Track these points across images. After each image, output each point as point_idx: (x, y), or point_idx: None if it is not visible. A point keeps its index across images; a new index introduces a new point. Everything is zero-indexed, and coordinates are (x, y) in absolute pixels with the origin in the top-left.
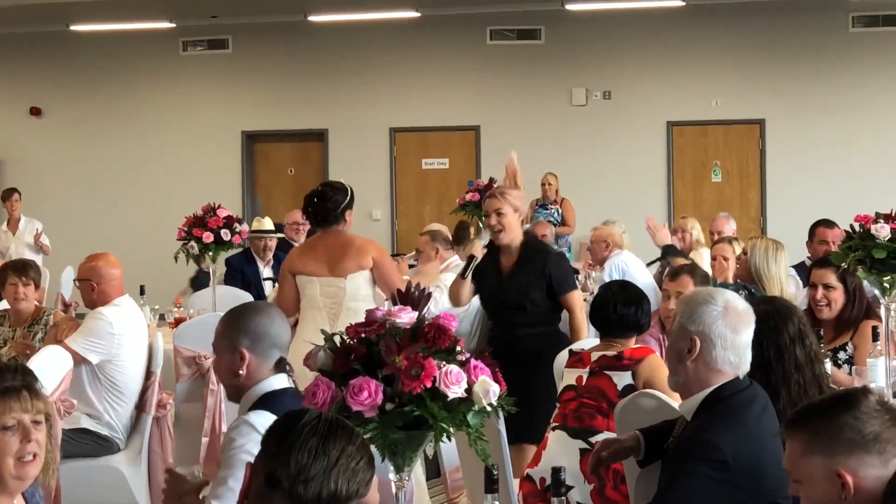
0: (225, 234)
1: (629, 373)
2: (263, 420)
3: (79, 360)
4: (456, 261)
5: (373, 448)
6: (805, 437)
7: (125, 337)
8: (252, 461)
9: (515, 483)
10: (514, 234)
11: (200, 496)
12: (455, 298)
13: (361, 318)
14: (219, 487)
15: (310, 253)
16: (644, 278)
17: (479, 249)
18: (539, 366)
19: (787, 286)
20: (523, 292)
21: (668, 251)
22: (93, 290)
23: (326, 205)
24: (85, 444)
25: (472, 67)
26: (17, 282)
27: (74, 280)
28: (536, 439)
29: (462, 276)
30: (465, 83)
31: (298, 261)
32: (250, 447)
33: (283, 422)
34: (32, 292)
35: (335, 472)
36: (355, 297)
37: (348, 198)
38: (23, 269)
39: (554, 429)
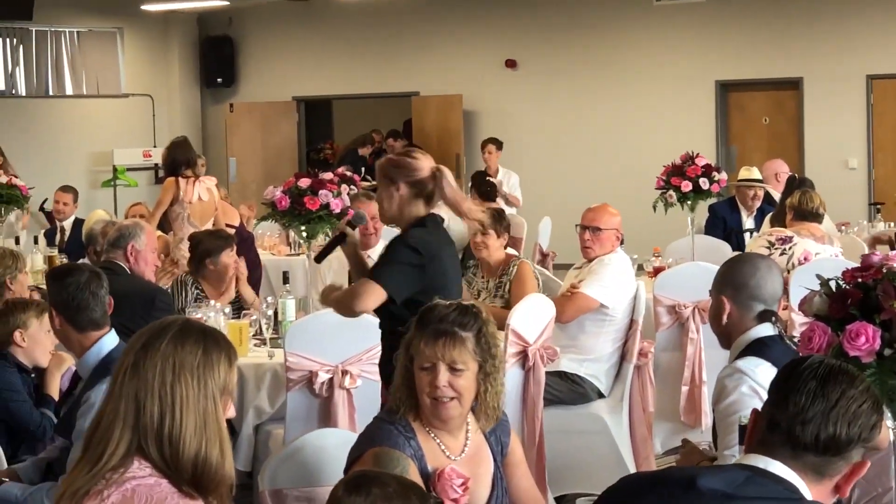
0: (703, 183)
1: None
2: (752, 365)
3: (592, 305)
4: None
5: None
6: None
7: (627, 283)
8: (742, 408)
9: None
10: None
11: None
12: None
13: None
14: (724, 450)
15: None
16: None
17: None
18: None
19: None
20: None
21: None
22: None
23: None
24: (564, 391)
25: None
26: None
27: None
28: None
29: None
30: None
31: None
32: (743, 399)
33: (786, 367)
34: (493, 241)
35: (834, 413)
36: None
37: None
38: None
39: None
